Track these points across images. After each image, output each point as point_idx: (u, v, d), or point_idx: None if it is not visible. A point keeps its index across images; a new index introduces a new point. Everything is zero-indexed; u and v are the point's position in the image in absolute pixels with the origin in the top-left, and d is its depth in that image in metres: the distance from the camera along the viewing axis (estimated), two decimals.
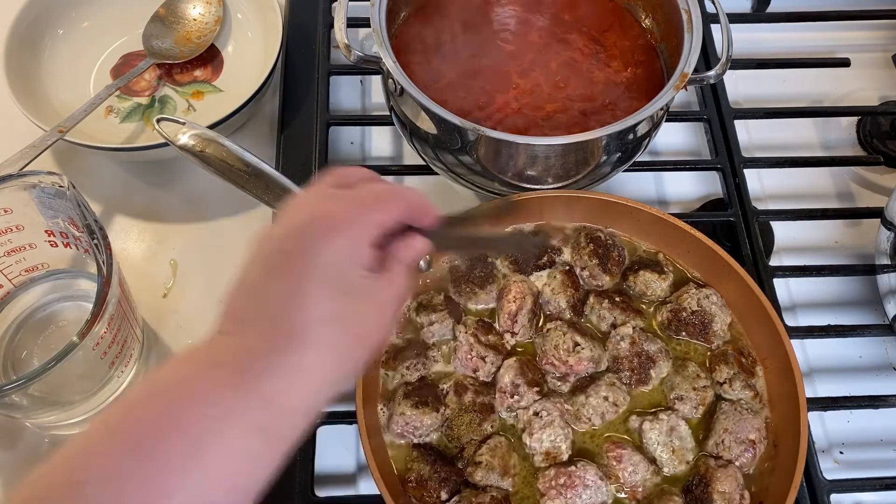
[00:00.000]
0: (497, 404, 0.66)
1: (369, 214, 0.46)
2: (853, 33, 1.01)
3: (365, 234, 0.45)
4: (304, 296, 0.43)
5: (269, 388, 0.41)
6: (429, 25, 0.81)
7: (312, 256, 0.43)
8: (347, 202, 0.46)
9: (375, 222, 0.46)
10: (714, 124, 0.88)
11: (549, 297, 0.70)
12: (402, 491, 0.62)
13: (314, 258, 0.43)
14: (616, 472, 0.63)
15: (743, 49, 0.90)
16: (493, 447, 0.63)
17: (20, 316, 0.73)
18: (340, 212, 0.45)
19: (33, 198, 0.64)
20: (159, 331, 0.77)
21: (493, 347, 0.68)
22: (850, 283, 0.83)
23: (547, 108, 0.76)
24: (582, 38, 0.82)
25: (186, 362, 0.43)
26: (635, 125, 0.69)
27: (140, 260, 0.81)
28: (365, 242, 0.45)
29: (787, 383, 0.64)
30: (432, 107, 0.68)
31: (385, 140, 0.91)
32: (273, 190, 0.68)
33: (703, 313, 0.68)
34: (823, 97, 0.97)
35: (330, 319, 0.43)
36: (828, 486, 0.68)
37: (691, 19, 0.74)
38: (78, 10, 0.91)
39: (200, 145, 0.67)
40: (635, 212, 0.72)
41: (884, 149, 0.90)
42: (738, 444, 0.63)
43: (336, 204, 0.46)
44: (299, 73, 0.90)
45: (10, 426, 0.71)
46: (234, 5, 0.94)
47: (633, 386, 0.67)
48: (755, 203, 0.83)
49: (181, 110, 0.89)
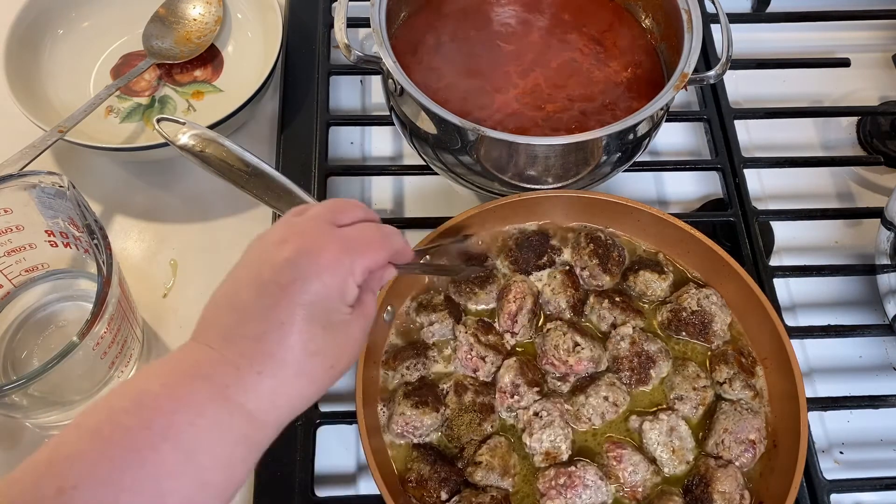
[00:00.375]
0: (497, 404, 0.66)
1: (361, 260, 0.49)
2: (853, 33, 1.01)
3: (352, 278, 0.49)
4: (292, 328, 0.46)
5: (252, 404, 0.44)
6: (429, 25, 0.81)
7: (304, 292, 0.46)
8: (342, 247, 0.49)
9: (364, 267, 0.50)
10: (714, 124, 0.88)
11: (549, 297, 0.70)
12: (402, 491, 0.62)
13: (305, 294, 0.46)
14: (616, 472, 0.63)
15: (743, 49, 0.90)
16: (493, 447, 0.63)
17: (20, 316, 0.73)
18: (335, 255, 0.48)
19: (33, 198, 0.64)
20: (159, 331, 0.77)
21: (493, 347, 0.68)
22: (850, 283, 0.83)
23: (547, 108, 0.76)
24: (582, 38, 0.82)
25: (170, 373, 0.45)
26: (635, 125, 0.69)
27: (140, 260, 0.81)
28: (353, 284, 0.49)
29: (787, 383, 0.64)
30: (432, 107, 0.68)
31: (385, 140, 0.91)
32: (273, 190, 0.68)
33: (703, 313, 0.68)
34: (823, 97, 0.97)
35: (312, 352, 0.46)
36: (828, 486, 0.68)
37: (691, 19, 0.74)
38: (78, 10, 0.91)
39: (200, 145, 0.67)
40: (635, 212, 0.72)
41: (884, 149, 0.90)
42: (737, 444, 0.63)
43: (332, 245, 0.49)
44: (299, 73, 0.90)
45: (10, 426, 0.71)
46: (234, 5, 0.94)
47: (633, 386, 0.67)
48: (755, 203, 0.83)
49: (181, 110, 0.89)
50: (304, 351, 0.46)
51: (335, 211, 0.52)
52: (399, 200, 0.87)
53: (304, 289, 0.46)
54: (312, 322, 0.46)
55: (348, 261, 0.48)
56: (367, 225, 0.52)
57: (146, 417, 0.41)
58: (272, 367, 0.45)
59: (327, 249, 0.48)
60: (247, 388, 0.44)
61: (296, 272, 0.47)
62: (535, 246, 0.72)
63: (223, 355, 0.45)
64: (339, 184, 0.86)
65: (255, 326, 0.46)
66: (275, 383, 0.45)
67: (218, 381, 0.44)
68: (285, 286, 0.46)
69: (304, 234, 0.49)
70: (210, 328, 0.47)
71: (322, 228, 0.50)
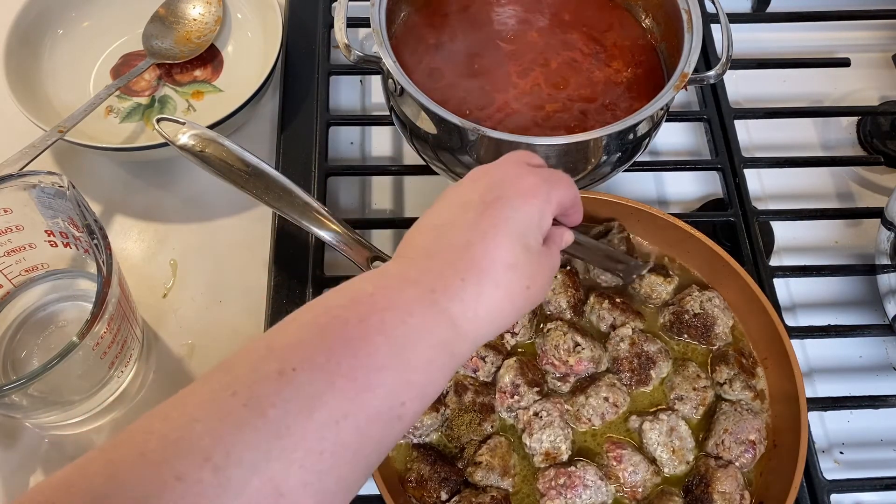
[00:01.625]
0: (497, 404, 0.66)
1: (556, 191, 0.52)
2: (853, 33, 1.01)
3: (550, 206, 0.51)
4: (496, 240, 0.48)
5: (455, 310, 0.46)
6: (429, 25, 0.81)
7: (509, 210, 0.49)
8: (542, 177, 0.52)
9: (558, 200, 0.52)
10: (714, 124, 0.88)
11: (549, 297, 0.70)
12: (402, 491, 0.62)
13: (510, 212, 0.49)
14: (616, 473, 0.63)
15: (743, 49, 0.90)
16: (493, 447, 0.63)
17: (20, 316, 0.73)
18: (537, 181, 0.51)
19: (33, 198, 0.64)
20: (159, 331, 0.77)
21: (493, 347, 0.67)
22: (850, 283, 0.83)
23: (547, 108, 0.76)
24: (582, 38, 0.82)
25: (381, 276, 0.47)
26: (635, 125, 0.69)
27: (140, 260, 0.81)
28: (549, 214, 0.51)
29: (787, 383, 0.64)
30: (432, 107, 0.68)
31: (385, 140, 0.91)
32: (273, 190, 0.68)
33: (706, 316, 0.68)
34: (823, 97, 0.97)
35: (511, 266, 0.48)
36: (828, 486, 0.69)
37: (691, 19, 0.74)
38: (78, 10, 0.91)
39: (200, 145, 0.68)
40: (635, 212, 0.72)
41: (884, 149, 0.90)
42: (738, 445, 0.63)
43: (532, 175, 0.52)
44: (299, 73, 0.90)
45: (10, 426, 0.71)
46: (234, 5, 0.94)
47: (633, 387, 0.67)
48: (755, 203, 0.83)
49: (181, 110, 0.89)
50: (503, 263, 0.47)
51: (526, 155, 0.55)
52: (399, 200, 0.87)
53: (508, 205, 0.49)
54: (515, 238, 0.48)
55: (546, 188, 0.51)
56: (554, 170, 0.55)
57: (362, 311, 0.43)
58: (475, 274, 0.46)
59: (527, 177, 0.51)
60: (451, 294, 0.45)
61: (500, 191, 0.50)
62: None
63: (428, 265, 0.47)
64: (339, 184, 0.86)
65: (459, 235, 0.48)
66: (476, 291, 0.46)
67: (427, 286, 0.45)
68: (490, 202, 0.49)
69: (501, 167, 0.52)
70: (412, 246, 0.49)
71: (518, 164, 0.53)
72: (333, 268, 0.78)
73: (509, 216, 0.49)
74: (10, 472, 0.69)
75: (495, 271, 0.47)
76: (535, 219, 0.50)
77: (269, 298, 0.76)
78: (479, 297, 0.46)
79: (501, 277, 0.47)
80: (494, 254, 0.47)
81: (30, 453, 0.70)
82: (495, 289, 0.47)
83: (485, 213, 0.48)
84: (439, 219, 0.50)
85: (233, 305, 0.78)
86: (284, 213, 0.68)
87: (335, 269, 0.78)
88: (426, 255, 0.48)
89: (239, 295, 0.79)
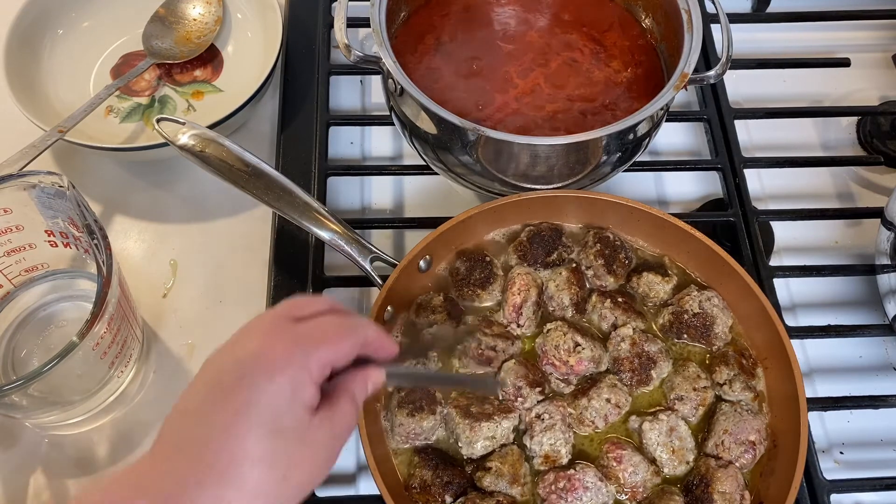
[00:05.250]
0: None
1: (315, 354, 0.46)
2: (853, 33, 1.01)
3: (307, 374, 0.45)
4: (235, 432, 0.43)
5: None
6: (429, 25, 0.81)
7: (251, 395, 0.44)
8: (293, 341, 0.46)
9: (321, 362, 0.46)
10: (714, 124, 0.88)
11: (553, 293, 0.70)
12: (408, 496, 0.62)
13: (252, 396, 0.44)
14: (616, 473, 0.62)
15: (743, 49, 0.90)
16: (503, 454, 0.63)
17: (20, 316, 0.73)
18: (284, 351, 0.45)
19: (33, 198, 0.64)
20: (159, 331, 0.77)
21: (502, 336, 0.67)
22: (850, 283, 0.83)
23: (547, 108, 0.76)
24: (582, 38, 0.82)
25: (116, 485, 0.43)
26: (635, 125, 0.69)
27: (140, 260, 0.81)
28: (307, 383, 0.45)
29: (787, 384, 0.64)
30: (432, 107, 0.68)
31: (385, 140, 0.91)
32: (273, 190, 0.68)
33: (705, 316, 0.68)
34: (823, 97, 0.97)
35: (258, 459, 0.43)
36: (828, 486, 0.68)
37: (691, 19, 0.74)
38: (78, 10, 0.91)
39: (200, 145, 0.68)
40: (635, 212, 0.72)
41: (884, 149, 0.90)
42: (737, 445, 0.63)
43: (282, 342, 0.46)
44: (299, 73, 0.90)
45: (10, 426, 0.71)
46: (234, 5, 0.94)
47: (633, 387, 0.67)
48: (755, 203, 0.83)
49: (181, 110, 0.89)
50: (249, 458, 0.43)
51: (294, 306, 0.49)
52: (399, 200, 0.87)
53: (252, 386, 0.44)
54: (261, 426, 0.43)
55: (301, 354, 0.45)
56: (329, 317, 0.49)
57: None
58: (214, 476, 0.42)
59: (277, 346, 0.45)
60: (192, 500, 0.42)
61: (242, 372, 0.44)
62: (546, 242, 0.72)
63: (171, 466, 0.43)
64: (339, 184, 0.86)
65: (201, 429, 0.43)
66: (216, 495, 0.42)
67: (158, 492, 0.42)
68: (230, 388, 0.44)
69: (257, 331, 0.47)
70: (163, 437, 0.45)
71: (277, 325, 0.47)
72: (333, 268, 0.78)
73: (253, 400, 0.43)
74: (10, 472, 0.69)
75: (237, 468, 0.42)
76: (287, 395, 0.44)
77: (269, 298, 0.76)
78: (220, 502, 0.42)
79: (247, 475, 0.42)
80: (235, 450, 0.42)
81: (30, 453, 0.70)
82: (238, 490, 0.42)
83: (228, 398, 0.44)
84: (190, 402, 0.45)
85: (233, 305, 0.78)
86: (284, 213, 0.68)
87: (335, 270, 0.78)
88: (175, 448, 0.44)
89: (239, 295, 0.79)
